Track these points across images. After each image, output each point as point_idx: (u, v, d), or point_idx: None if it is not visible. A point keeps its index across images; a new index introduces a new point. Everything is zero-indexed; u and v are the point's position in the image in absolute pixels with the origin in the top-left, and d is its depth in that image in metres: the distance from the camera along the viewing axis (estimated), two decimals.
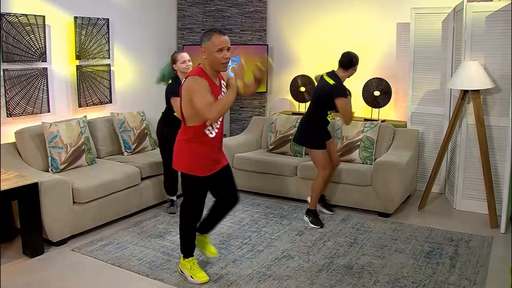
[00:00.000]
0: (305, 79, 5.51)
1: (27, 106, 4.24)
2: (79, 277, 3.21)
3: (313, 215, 4.14)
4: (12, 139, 4.09)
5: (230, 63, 5.47)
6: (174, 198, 4.49)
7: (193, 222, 3.16)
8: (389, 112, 5.32)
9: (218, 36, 2.84)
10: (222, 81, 3.05)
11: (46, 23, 4.30)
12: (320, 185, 4.09)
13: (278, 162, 4.75)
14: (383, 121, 5.04)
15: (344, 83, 3.96)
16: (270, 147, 5.10)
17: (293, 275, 3.22)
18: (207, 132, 2.96)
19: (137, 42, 5.42)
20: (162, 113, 4.35)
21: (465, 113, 4.35)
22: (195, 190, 3.06)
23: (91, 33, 4.74)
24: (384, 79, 5.10)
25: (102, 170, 4.17)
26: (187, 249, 3.17)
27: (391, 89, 5.08)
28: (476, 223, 4.15)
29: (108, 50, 4.96)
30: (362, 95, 5.17)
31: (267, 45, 5.85)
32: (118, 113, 4.80)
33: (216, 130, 3.00)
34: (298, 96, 5.64)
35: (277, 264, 3.39)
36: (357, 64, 3.96)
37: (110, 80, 5.02)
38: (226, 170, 3.16)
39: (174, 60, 4.11)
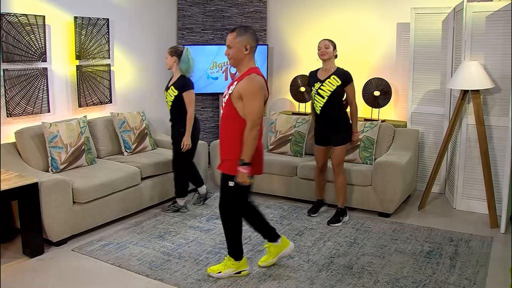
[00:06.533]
0: (305, 79, 5.50)
1: (27, 106, 4.24)
2: (79, 277, 3.21)
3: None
4: (12, 139, 4.09)
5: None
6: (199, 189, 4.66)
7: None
8: (389, 112, 5.32)
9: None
10: (236, 82, 3.11)
11: (46, 23, 4.30)
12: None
13: (278, 162, 4.75)
14: (383, 121, 5.04)
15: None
16: (270, 147, 5.09)
17: (293, 275, 3.22)
18: None
19: (137, 42, 5.41)
20: None
21: (465, 113, 4.35)
22: None
23: (91, 33, 4.74)
24: (384, 79, 5.10)
25: (102, 170, 4.17)
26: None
27: (391, 89, 5.08)
28: (476, 223, 4.15)
29: (108, 50, 4.96)
30: (362, 95, 5.16)
31: (267, 45, 5.85)
32: (118, 113, 4.80)
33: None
34: (298, 96, 5.63)
35: (277, 264, 3.39)
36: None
37: (110, 80, 5.02)
38: None
39: None
